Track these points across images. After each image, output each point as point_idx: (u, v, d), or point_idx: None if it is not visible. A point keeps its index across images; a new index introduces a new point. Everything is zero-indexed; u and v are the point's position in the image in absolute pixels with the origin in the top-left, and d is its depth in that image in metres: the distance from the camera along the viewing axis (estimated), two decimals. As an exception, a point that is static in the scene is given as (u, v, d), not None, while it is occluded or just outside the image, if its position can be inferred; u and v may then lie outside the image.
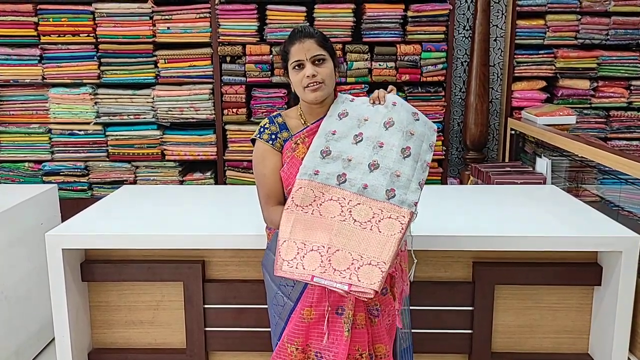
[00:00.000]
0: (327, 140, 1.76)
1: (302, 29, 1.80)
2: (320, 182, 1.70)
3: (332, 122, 1.79)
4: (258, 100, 4.06)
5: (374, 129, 1.76)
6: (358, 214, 1.66)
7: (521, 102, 4.22)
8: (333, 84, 1.82)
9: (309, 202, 1.69)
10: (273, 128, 1.86)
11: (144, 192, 2.91)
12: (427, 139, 1.77)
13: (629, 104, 4.21)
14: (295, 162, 1.78)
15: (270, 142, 1.83)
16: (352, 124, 1.78)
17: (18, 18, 3.95)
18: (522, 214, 2.47)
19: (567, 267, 2.24)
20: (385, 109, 1.78)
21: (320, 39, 1.78)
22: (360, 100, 1.85)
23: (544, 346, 2.34)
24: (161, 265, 2.27)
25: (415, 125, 1.76)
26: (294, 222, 1.67)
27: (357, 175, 1.70)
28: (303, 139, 1.81)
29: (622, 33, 4.11)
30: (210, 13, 3.94)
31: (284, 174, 1.80)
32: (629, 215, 2.96)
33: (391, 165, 1.69)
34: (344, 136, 1.76)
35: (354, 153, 1.73)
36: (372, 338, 1.76)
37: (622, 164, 2.70)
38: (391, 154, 1.71)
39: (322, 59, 1.76)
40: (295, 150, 1.80)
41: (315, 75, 1.75)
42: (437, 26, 3.98)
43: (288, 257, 1.63)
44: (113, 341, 2.38)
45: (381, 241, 1.61)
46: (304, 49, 1.75)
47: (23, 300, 2.70)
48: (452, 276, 2.27)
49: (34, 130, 4.11)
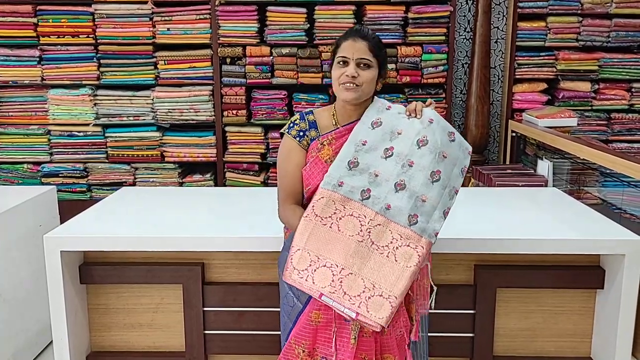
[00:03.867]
0: (356, 150, 1.70)
1: (360, 29, 1.79)
2: (343, 194, 1.66)
3: (364, 131, 1.73)
4: (258, 102, 4.05)
5: (406, 144, 1.69)
6: (377, 235, 1.63)
7: (522, 104, 4.21)
8: (371, 91, 1.79)
9: (329, 214, 1.65)
10: (303, 125, 1.83)
11: (144, 194, 2.90)
12: (460, 162, 1.71)
13: (630, 106, 4.20)
14: (318, 163, 1.77)
15: (297, 139, 1.82)
16: (385, 135, 1.72)
17: (17, 19, 3.94)
18: (523, 217, 2.46)
19: (570, 270, 2.23)
20: (421, 125, 1.71)
21: (374, 44, 1.76)
22: (396, 109, 1.78)
23: (546, 349, 2.32)
24: (160, 267, 2.25)
25: (450, 147, 1.70)
26: (311, 232, 1.64)
27: (381, 193, 1.66)
28: (330, 140, 1.79)
29: (623, 35, 4.10)
30: (210, 14, 3.93)
31: (306, 173, 1.79)
32: (631, 218, 2.96)
33: (418, 188, 1.64)
34: (374, 148, 1.70)
35: (382, 168, 1.68)
36: (380, 347, 1.74)
37: (624, 166, 2.69)
38: (419, 176, 1.65)
39: (368, 65, 1.74)
40: (320, 150, 1.78)
41: (355, 77, 1.73)
42: (437, 28, 3.98)
43: (299, 266, 1.61)
44: (112, 344, 2.36)
45: (396, 272, 1.59)
46: (354, 47, 1.74)
47: (21, 303, 2.69)
48: (453, 279, 2.26)
49: (33, 131, 4.10)
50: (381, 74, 1.80)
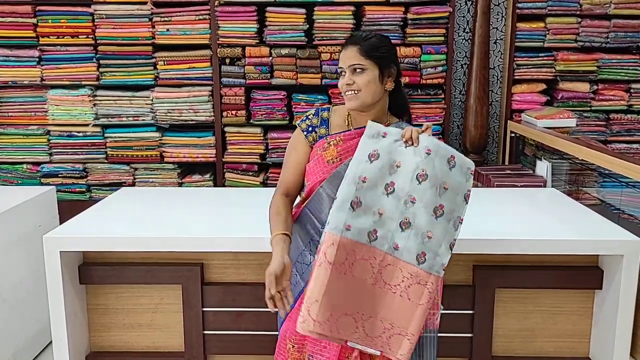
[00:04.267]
0: (357, 189, 1.64)
1: (354, 35, 1.79)
2: (351, 238, 1.63)
3: (362, 166, 1.66)
4: (257, 103, 4.05)
5: (406, 179, 1.64)
6: (388, 275, 1.63)
7: (521, 104, 4.21)
8: (373, 93, 1.76)
9: (341, 261, 1.62)
10: (315, 120, 1.86)
11: (143, 194, 2.90)
12: (463, 188, 1.66)
13: (629, 107, 4.21)
14: (321, 162, 1.78)
15: (305, 133, 1.85)
16: (383, 169, 1.66)
17: (17, 19, 3.94)
18: (522, 217, 2.46)
19: (568, 270, 2.23)
20: (419, 158, 1.65)
21: (366, 47, 1.74)
22: (392, 136, 1.70)
23: (544, 350, 2.33)
24: (160, 268, 2.26)
25: (451, 175, 1.65)
26: (327, 282, 1.60)
27: (387, 233, 1.64)
28: (337, 141, 1.80)
29: (622, 36, 4.11)
30: (210, 15, 3.94)
31: (308, 169, 1.82)
32: (629, 218, 2.96)
33: (423, 225, 1.62)
34: (375, 185, 1.64)
35: (384, 206, 1.64)
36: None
37: (622, 166, 2.70)
38: (423, 213, 1.62)
39: (362, 69, 1.74)
40: (325, 150, 1.79)
41: (350, 85, 1.74)
42: (437, 28, 3.98)
43: (320, 318, 1.58)
44: (111, 344, 2.36)
45: (410, 310, 1.61)
46: (346, 56, 1.76)
47: (20, 303, 2.69)
48: (452, 279, 2.26)
49: (32, 131, 4.10)
50: (384, 72, 1.77)
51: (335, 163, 1.77)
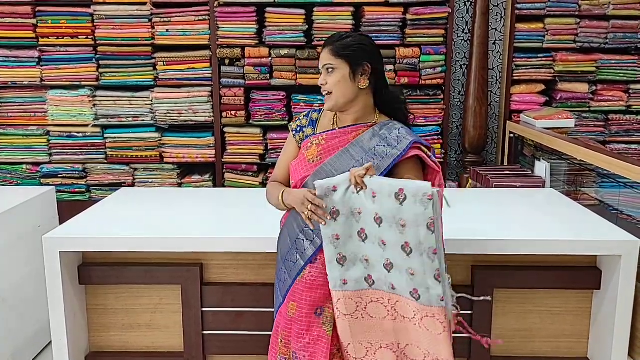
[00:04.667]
0: (335, 247, 1.66)
1: (329, 38, 1.81)
2: (352, 289, 1.68)
3: (329, 226, 1.66)
4: (257, 103, 4.06)
5: (370, 224, 1.62)
6: (403, 310, 1.66)
7: (520, 105, 4.22)
8: (345, 92, 1.76)
9: (353, 310, 1.69)
10: (304, 121, 1.91)
11: (142, 195, 2.91)
12: (423, 218, 1.53)
13: (627, 108, 4.21)
14: (303, 161, 1.81)
15: (293, 132, 1.91)
16: (350, 220, 1.65)
17: (16, 20, 3.94)
18: (521, 218, 2.47)
19: (567, 271, 2.24)
20: (371, 203, 1.61)
21: (336, 47, 1.75)
22: (342, 186, 1.64)
23: (543, 350, 2.33)
24: (159, 268, 2.26)
25: (403, 210, 1.55)
26: (350, 327, 1.70)
27: (380, 275, 1.66)
28: (320, 141, 1.81)
29: (620, 37, 4.11)
30: (209, 15, 3.94)
31: (292, 167, 1.85)
32: (628, 219, 2.97)
33: (401, 263, 1.60)
34: (350, 236, 1.66)
35: (367, 252, 1.66)
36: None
37: (621, 167, 2.70)
38: (396, 253, 1.60)
39: (332, 68, 1.76)
40: (308, 149, 1.82)
41: (324, 85, 1.78)
42: (436, 29, 3.98)
43: (359, 355, 1.72)
44: (110, 344, 2.37)
45: (434, 338, 1.63)
46: (321, 58, 1.80)
47: (20, 303, 2.69)
48: (451, 280, 2.26)
49: (32, 132, 4.10)
50: (356, 71, 1.75)
51: (315, 162, 1.78)
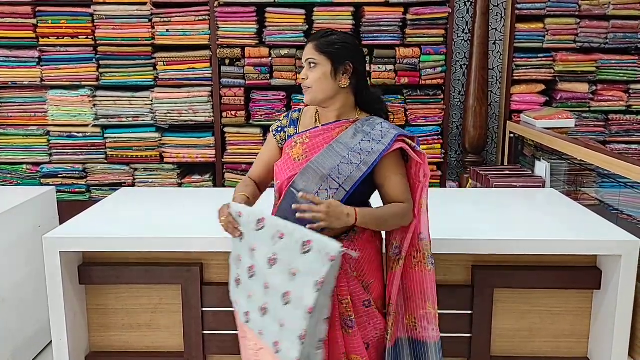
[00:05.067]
0: (237, 267, 1.71)
1: (314, 33, 1.83)
2: (238, 314, 1.77)
3: (235, 244, 1.72)
4: (257, 103, 4.06)
5: (261, 263, 1.60)
6: (264, 358, 1.67)
7: (520, 105, 4.22)
8: (325, 89, 1.75)
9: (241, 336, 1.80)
10: (284, 122, 1.90)
11: (143, 195, 2.91)
12: (314, 275, 1.49)
13: (627, 108, 4.21)
14: (289, 160, 1.80)
15: (274, 133, 1.91)
16: (245, 250, 1.67)
17: (17, 20, 3.95)
18: (521, 218, 2.47)
19: (567, 270, 2.24)
20: (271, 241, 1.57)
21: (320, 44, 1.75)
22: (245, 219, 1.66)
23: (543, 350, 2.33)
24: (159, 268, 2.26)
25: (302, 260, 1.51)
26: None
27: (255, 317, 1.66)
28: (304, 139, 1.80)
29: (621, 37, 4.11)
30: (210, 15, 3.94)
31: (277, 168, 1.84)
32: (628, 218, 2.97)
33: (275, 312, 1.57)
34: (244, 265, 1.69)
35: (252, 289, 1.66)
36: (346, 348, 1.76)
37: (621, 167, 2.70)
38: (275, 300, 1.56)
39: (314, 64, 1.74)
40: (292, 148, 1.81)
41: (304, 79, 1.77)
42: (436, 29, 3.99)
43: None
44: (110, 344, 2.37)
45: None
46: (304, 53, 1.79)
47: (20, 303, 2.69)
48: (451, 280, 2.27)
49: (32, 132, 4.10)
50: (338, 69, 1.74)
51: (301, 160, 1.77)
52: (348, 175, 1.71)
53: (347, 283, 1.74)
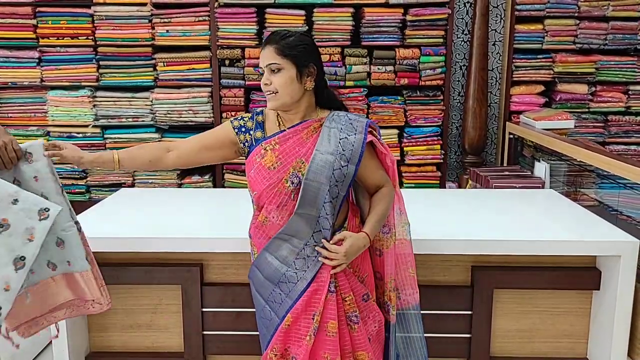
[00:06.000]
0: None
1: (269, 36, 1.75)
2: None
3: None
4: (257, 104, 4.06)
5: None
6: None
7: (520, 106, 4.22)
8: (291, 93, 1.72)
9: None
10: (249, 124, 1.84)
11: (142, 195, 2.91)
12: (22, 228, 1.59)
13: (627, 109, 4.22)
14: (262, 170, 1.75)
15: (235, 130, 1.83)
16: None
17: (17, 20, 3.95)
18: (520, 218, 2.48)
19: (566, 271, 2.24)
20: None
21: (282, 47, 1.70)
22: None
23: (542, 350, 2.33)
24: (159, 268, 2.26)
25: (10, 211, 1.57)
26: None
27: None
28: (273, 145, 1.77)
29: (620, 38, 4.12)
30: (210, 16, 3.95)
31: (251, 179, 1.78)
32: (627, 219, 2.97)
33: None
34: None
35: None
36: (352, 346, 1.77)
37: (620, 168, 2.70)
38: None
39: (278, 69, 1.71)
40: (264, 157, 1.76)
41: (268, 85, 1.73)
42: (435, 30, 3.99)
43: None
44: (110, 345, 2.37)
45: None
46: (263, 56, 1.74)
47: (20, 303, 2.69)
48: (450, 280, 2.27)
49: (32, 132, 4.10)
50: (303, 72, 1.73)
51: (276, 168, 1.74)
52: (342, 180, 1.72)
53: (347, 280, 1.76)
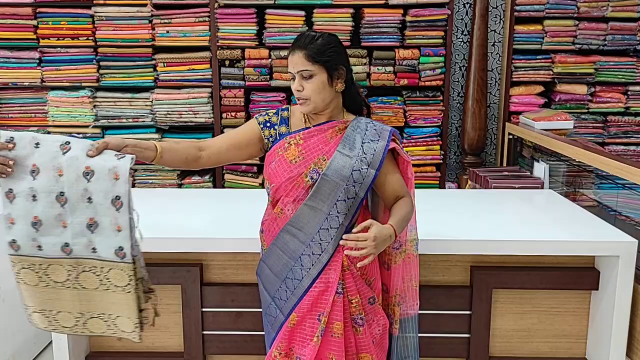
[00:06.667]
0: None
1: (298, 40, 1.76)
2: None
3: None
4: (257, 104, 4.07)
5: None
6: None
7: (519, 106, 4.23)
8: (324, 97, 1.75)
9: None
10: (274, 119, 1.86)
11: (142, 196, 2.91)
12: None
13: (626, 109, 4.23)
14: (283, 162, 1.77)
15: (260, 126, 1.85)
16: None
17: (17, 21, 3.95)
18: (519, 219, 2.48)
19: (565, 271, 2.25)
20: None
21: (312, 52, 1.71)
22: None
23: (541, 350, 2.34)
24: (159, 268, 2.27)
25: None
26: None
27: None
28: (297, 140, 1.79)
29: (619, 39, 4.12)
30: (210, 17, 3.95)
31: (271, 171, 1.80)
32: (626, 219, 2.98)
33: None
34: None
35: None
36: (356, 347, 1.78)
37: (619, 168, 2.71)
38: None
39: (310, 75, 1.72)
40: (286, 150, 1.79)
41: (300, 91, 1.74)
42: (435, 31, 4.00)
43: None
44: (110, 344, 2.37)
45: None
46: (293, 62, 1.75)
47: (20, 303, 2.69)
48: (450, 280, 2.28)
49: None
50: (333, 75, 1.75)
51: (298, 162, 1.76)
52: (361, 182, 1.72)
53: (355, 282, 1.77)
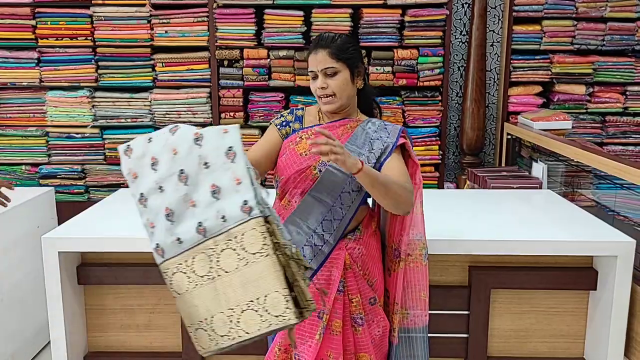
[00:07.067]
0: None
1: (319, 39, 1.80)
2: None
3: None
4: (255, 104, 4.07)
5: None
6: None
7: (517, 107, 4.23)
8: (348, 94, 1.79)
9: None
10: (289, 117, 1.89)
11: (141, 196, 2.90)
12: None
13: (624, 110, 4.23)
14: (294, 155, 1.79)
15: (278, 127, 1.87)
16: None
17: (16, 21, 3.95)
18: (518, 219, 2.48)
19: (563, 271, 2.25)
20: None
21: (335, 50, 1.76)
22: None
23: (539, 350, 2.34)
24: (157, 268, 2.26)
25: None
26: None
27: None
28: (309, 135, 1.81)
29: (617, 39, 4.13)
30: (208, 17, 3.95)
31: (282, 163, 1.82)
32: (624, 220, 2.98)
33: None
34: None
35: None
36: (355, 347, 1.79)
37: (617, 169, 2.71)
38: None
39: (334, 72, 1.76)
40: (298, 144, 1.80)
41: (325, 88, 1.76)
42: (434, 31, 4.00)
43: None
44: (109, 345, 2.37)
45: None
46: (317, 60, 1.77)
47: (19, 304, 2.70)
48: (448, 280, 2.28)
49: (31, 133, 4.11)
50: (354, 72, 1.79)
51: (308, 155, 1.77)
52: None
53: (356, 282, 1.77)
